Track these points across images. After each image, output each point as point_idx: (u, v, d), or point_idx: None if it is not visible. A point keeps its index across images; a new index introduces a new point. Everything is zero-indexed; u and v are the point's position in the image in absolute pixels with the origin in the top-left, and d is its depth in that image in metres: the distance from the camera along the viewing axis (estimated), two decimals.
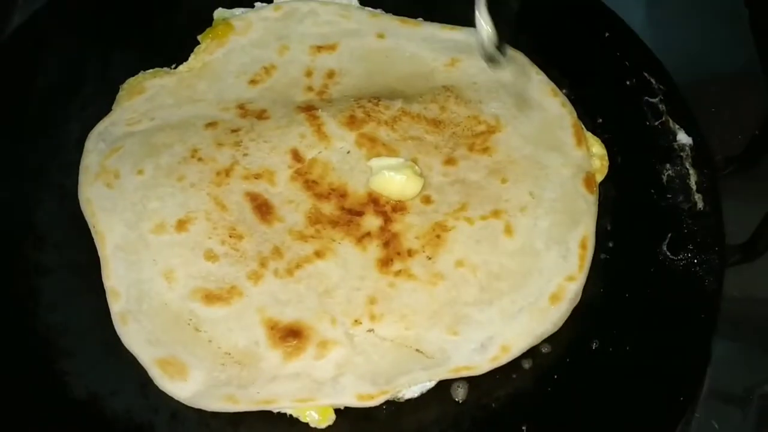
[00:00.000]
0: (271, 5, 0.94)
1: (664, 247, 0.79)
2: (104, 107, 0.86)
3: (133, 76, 0.88)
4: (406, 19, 0.93)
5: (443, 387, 0.72)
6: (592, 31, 0.93)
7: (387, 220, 0.77)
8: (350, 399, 0.69)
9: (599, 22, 0.93)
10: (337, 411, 0.71)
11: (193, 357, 0.71)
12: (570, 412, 0.72)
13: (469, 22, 0.91)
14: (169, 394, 0.70)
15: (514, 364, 0.73)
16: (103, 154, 0.81)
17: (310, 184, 0.79)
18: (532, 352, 0.74)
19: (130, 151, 0.81)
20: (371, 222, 0.77)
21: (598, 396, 0.72)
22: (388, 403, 0.71)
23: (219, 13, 0.94)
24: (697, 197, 0.82)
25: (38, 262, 0.77)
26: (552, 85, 0.88)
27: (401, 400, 0.71)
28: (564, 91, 0.88)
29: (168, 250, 0.75)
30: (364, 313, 0.73)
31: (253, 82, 0.87)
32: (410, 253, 0.76)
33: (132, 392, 0.71)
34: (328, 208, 0.78)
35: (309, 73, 0.88)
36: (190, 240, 0.76)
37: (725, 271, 0.79)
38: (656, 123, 0.87)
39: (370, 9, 0.95)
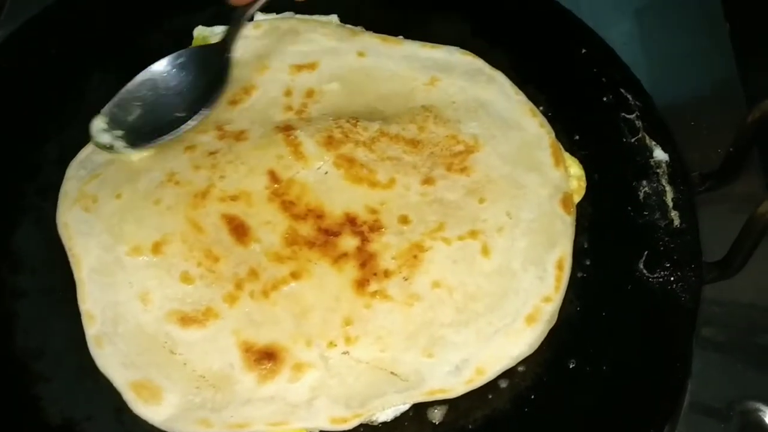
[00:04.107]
0: (251, 23, 0.94)
1: (641, 265, 0.79)
2: (83, 129, 0.85)
3: (112, 96, 0.88)
4: (386, 37, 0.93)
5: (420, 409, 0.72)
6: (569, 47, 0.93)
7: (364, 240, 0.77)
8: (324, 422, 0.69)
9: (576, 39, 0.94)
10: None
11: (168, 380, 0.71)
12: None
13: (449, 40, 0.93)
14: (144, 418, 0.70)
15: (491, 384, 0.73)
16: (83, 180, 0.81)
17: (287, 205, 0.79)
18: (508, 372, 0.74)
19: (109, 176, 0.81)
20: (348, 242, 0.77)
21: (576, 416, 0.72)
22: (364, 426, 0.71)
23: (198, 31, 0.94)
24: (674, 214, 0.82)
25: (14, 285, 0.77)
26: (531, 105, 0.88)
27: (375, 424, 0.71)
28: (540, 108, 0.88)
29: (144, 272, 0.76)
30: (340, 334, 0.73)
31: (232, 102, 0.87)
32: (387, 273, 0.76)
33: (107, 417, 0.71)
34: (305, 228, 0.78)
35: (288, 93, 0.88)
36: (165, 262, 0.76)
37: (703, 287, 0.79)
38: (633, 140, 0.87)
39: (350, 26, 0.95)
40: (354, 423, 0.69)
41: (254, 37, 0.92)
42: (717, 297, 0.85)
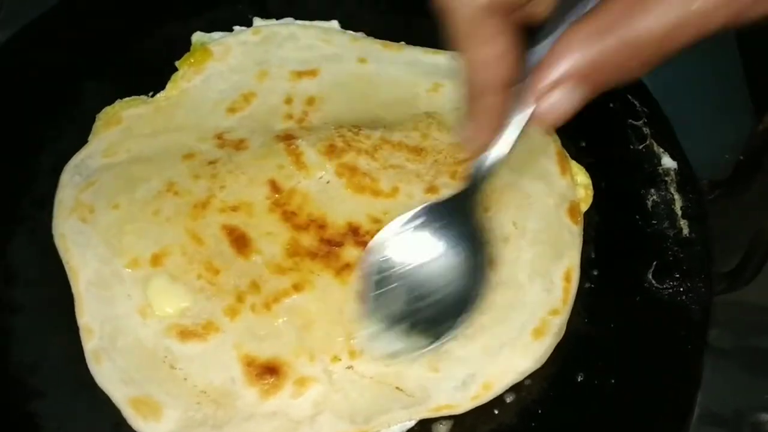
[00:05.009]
0: (250, 29, 0.93)
1: (650, 276, 0.78)
2: (79, 138, 0.83)
3: (109, 104, 0.86)
4: (388, 42, 0.91)
5: (426, 425, 0.70)
6: None
7: None
8: None
9: None
10: None
11: (168, 396, 0.69)
12: None
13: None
14: None
15: (497, 399, 0.71)
16: (79, 188, 0.79)
17: (288, 215, 0.77)
18: (515, 386, 0.72)
19: (106, 184, 0.79)
20: (351, 253, 0.75)
21: (584, 430, 0.71)
22: None
23: (197, 37, 0.92)
24: (683, 223, 0.81)
25: (9, 299, 0.75)
26: None
27: None
28: None
29: (143, 285, 0.74)
30: (344, 348, 0.71)
31: (231, 110, 0.85)
32: None
33: None
34: (307, 239, 0.76)
35: (289, 100, 0.86)
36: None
37: (713, 299, 0.77)
38: (640, 147, 0.85)
39: (351, 32, 0.93)
40: None
41: (253, 42, 0.91)
42: (728, 302, 0.83)
